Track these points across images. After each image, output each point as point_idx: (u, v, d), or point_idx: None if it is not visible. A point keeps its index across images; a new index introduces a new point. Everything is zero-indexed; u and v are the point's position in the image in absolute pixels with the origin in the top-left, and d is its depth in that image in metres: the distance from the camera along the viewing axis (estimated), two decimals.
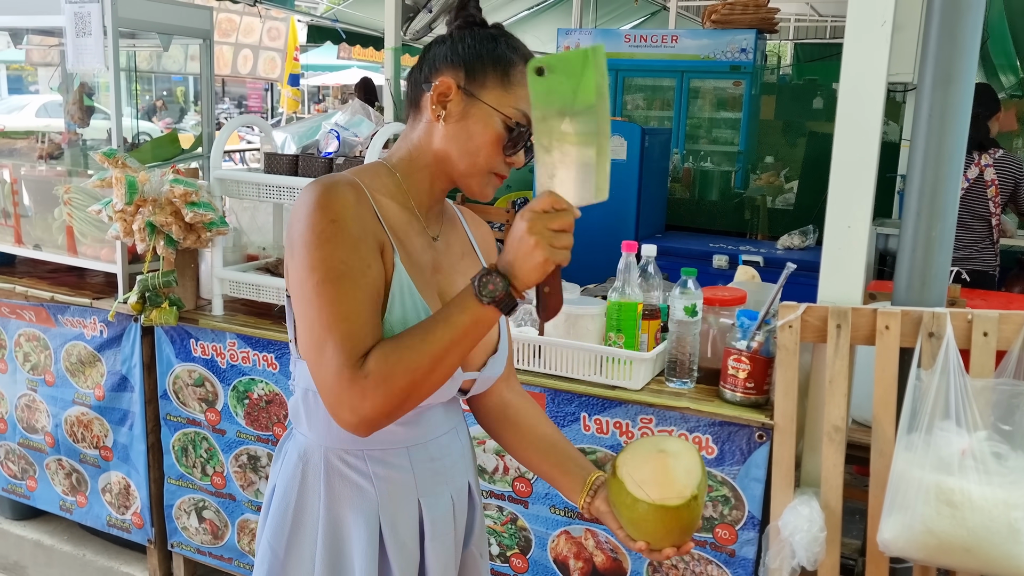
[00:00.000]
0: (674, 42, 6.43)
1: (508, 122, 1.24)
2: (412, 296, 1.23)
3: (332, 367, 1.13)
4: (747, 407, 1.97)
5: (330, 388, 1.14)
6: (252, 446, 2.61)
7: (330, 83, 21.03)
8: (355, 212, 1.19)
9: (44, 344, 2.90)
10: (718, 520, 2.03)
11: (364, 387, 1.12)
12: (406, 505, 1.34)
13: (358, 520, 1.31)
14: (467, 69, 1.24)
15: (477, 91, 1.24)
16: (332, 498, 1.32)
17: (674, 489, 1.24)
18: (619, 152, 4.38)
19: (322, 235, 1.16)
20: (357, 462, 1.31)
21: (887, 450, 1.81)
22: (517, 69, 1.25)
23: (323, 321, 1.14)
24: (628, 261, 2.06)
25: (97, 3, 2.56)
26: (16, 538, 3.17)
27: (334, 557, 1.33)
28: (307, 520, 1.34)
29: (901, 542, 1.71)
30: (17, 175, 3.14)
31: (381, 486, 1.32)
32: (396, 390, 1.12)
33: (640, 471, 1.26)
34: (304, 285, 1.17)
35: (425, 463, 1.35)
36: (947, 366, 1.74)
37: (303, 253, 1.17)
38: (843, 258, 1.91)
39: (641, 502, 1.24)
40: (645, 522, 1.26)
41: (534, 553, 2.27)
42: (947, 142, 1.85)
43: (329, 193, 1.19)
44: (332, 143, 2.42)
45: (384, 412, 1.14)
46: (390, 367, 1.12)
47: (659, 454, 1.28)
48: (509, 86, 1.24)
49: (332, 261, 1.15)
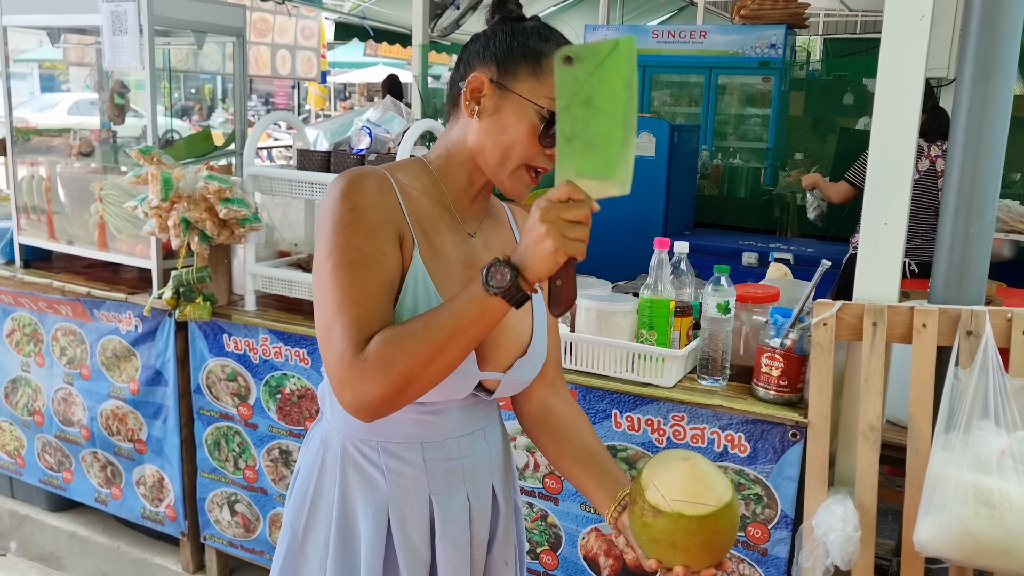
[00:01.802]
0: (702, 38, 6.39)
1: (542, 112, 1.22)
2: (426, 289, 1.23)
3: (337, 349, 1.14)
4: (780, 405, 1.96)
5: (333, 369, 1.15)
6: (284, 440, 2.64)
7: (356, 80, 21.13)
8: (376, 201, 1.21)
9: (80, 338, 2.94)
10: (750, 519, 2.02)
11: (364, 369, 1.12)
12: (416, 501, 1.34)
13: (367, 510, 1.32)
14: (499, 63, 1.24)
15: (510, 83, 1.23)
16: (345, 486, 1.34)
17: (704, 499, 1.18)
18: (647, 149, 4.36)
19: (341, 222, 1.18)
20: (371, 453, 1.33)
21: (923, 449, 1.79)
22: (550, 59, 1.23)
23: (333, 304, 1.16)
24: (660, 258, 2.05)
25: (133, 1, 2.59)
26: (53, 529, 3.23)
27: (345, 544, 1.34)
28: (323, 504, 1.36)
29: (938, 542, 1.69)
30: (52, 172, 3.19)
31: (392, 479, 1.32)
32: (395, 375, 1.11)
33: (666, 480, 1.20)
34: (321, 270, 1.19)
35: (439, 461, 1.34)
36: (986, 365, 1.72)
37: (322, 239, 1.20)
38: (879, 255, 1.89)
39: (665, 513, 1.17)
40: (665, 534, 1.18)
41: (564, 550, 2.27)
42: (986, 138, 1.82)
43: (353, 183, 1.21)
44: (364, 140, 2.43)
45: (383, 398, 1.13)
46: (389, 351, 1.12)
47: (686, 461, 1.22)
48: (542, 76, 1.23)
49: (347, 247, 1.17)
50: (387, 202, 1.23)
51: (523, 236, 1.09)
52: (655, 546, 1.20)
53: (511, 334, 1.35)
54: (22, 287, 3.04)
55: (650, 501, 1.19)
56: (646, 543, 1.22)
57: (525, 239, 1.08)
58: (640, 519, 1.21)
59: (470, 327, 1.12)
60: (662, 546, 1.19)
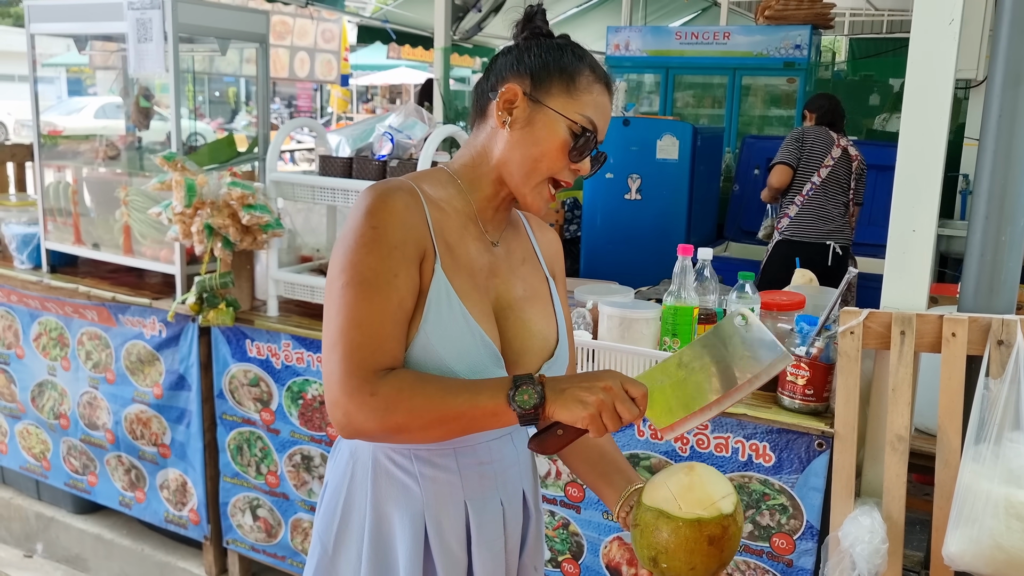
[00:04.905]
0: (726, 39, 6.35)
1: (574, 127, 1.25)
2: (451, 301, 1.24)
3: (337, 373, 1.16)
4: (806, 414, 1.93)
5: (332, 388, 1.17)
6: (305, 446, 2.64)
7: (378, 83, 21.22)
8: (400, 219, 1.21)
9: (105, 343, 2.97)
10: (775, 529, 1.99)
11: (365, 401, 1.15)
12: (452, 507, 1.33)
13: (403, 519, 1.32)
14: (533, 76, 1.26)
15: (543, 97, 1.25)
16: (378, 496, 1.33)
17: (706, 504, 1.17)
18: (671, 151, 4.33)
19: (360, 239, 1.19)
20: (404, 461, 1.32)
21: (953, 461, 1.76)
22: (583, 76, 1.27)
23: (339, 324, 1.18)
24: (684, 264, 2.03)
25: (158, 9, 2.61)
26: (78, 531, 3.26)
27: (380, 555, 1.34)
28: (355, 517, 1.35)
29: (968, 556, 1.66)
30: (78, 176, 3.22)
31: (427, 486, 1.32)
32: (392, 422, 1.15)
33: (664, 484, 1.21)
34: (333, 284, 1.21)
35: (473, 467, 1.34)
36: (1017, 375, 1.68)
37: (340, 252, 1.21)
38: (907, 262, 1.86)
39: (667, 517, 1.16)
40: (651, 530, 1.18)
41: (586, 559, 2.25)
42: (1017, 143, 1.78)
43: (380, 200, 1.22)
44: (386, 146, 2.43)
45: (371, 433, 1.18)
46: (396, 400, 1.15)
47: (689, 471, 1.23)
48: (575, 92, 1.26)
49: (361, 266, 1.18)
50: (412, 219, 1.23)
51: (576, 377, 1.15)
52: (644, 551, 1.20)
53: (539, 338, 1.35)
54: (49, 292, 3.07)
55: (643, 501, 1.20)
56: (637, 546, 1.22)
57: (576, 382, 1.13)
58: (634, 522, 1.21)
59: (478, 420, 1.16)
60: (649, 548, 1.19)
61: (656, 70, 6.72)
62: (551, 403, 1.12)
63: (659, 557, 1.16)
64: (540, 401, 1.12)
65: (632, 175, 4.35)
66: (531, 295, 1.38)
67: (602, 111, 1.29)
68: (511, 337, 1.32)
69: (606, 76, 1.31)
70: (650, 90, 7.03)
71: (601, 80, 1.29)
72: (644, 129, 4.38)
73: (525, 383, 1.13)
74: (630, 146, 4.35)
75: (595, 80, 1.28)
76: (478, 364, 1.25)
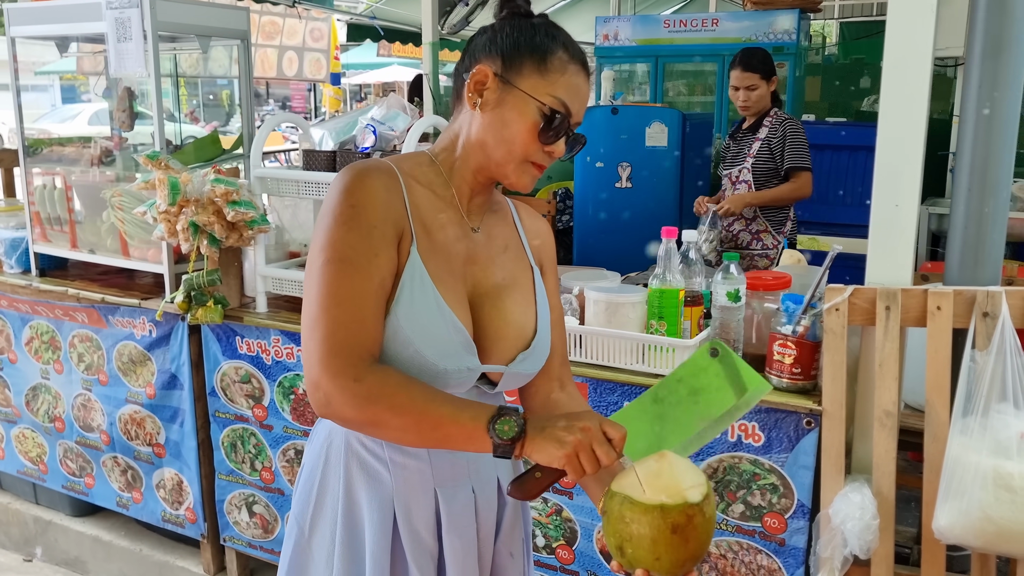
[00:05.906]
0: (714, 25, 6.32)
1: (544, 109, 1.23)
2: (424, 285, 1.23)
3: (319, 352, 1.16)
4: (794, 393, 1.93)
5: (312, 368, 1.17)
6: (299, 441, 2.64)
7: (371, 81, 21.18)
8: (379, 198, 1.21)
9: (97, 344, 2.96)
10: (767, 509, 1.99)
11: (347, 386, 1.14)
12: (422, 494, 1.33)
13: (372, 504, 1.32)
14: (504, 57, 1.24)
15: (513, 78, 1.24)
16: (350, 481, 1.34)
17: (671, 491, 1.10)
18: (660, 139, 4.31)
19: (340, 218, 1.19)
20: (375, 447, 1.32)
21: (941, 434, 1.76)
22: (556, 57, 1.24)
23: (321, 301, 1.18)
24: (669, 247, 2.03)
25: (136, 8, 2.60)
26: (76, 534, 3.26)
27: (351, 539, 1.34)
28: (328, 500, 1.36)
29: (958, 529, 1.66)
30: (70, 182, 3.22)
31: (397, 473, 1.32)
32: (369, 413, 1.15)
33: (636, 471, 1.15)
34: (313, 262, 1.20)
35: (444, 454, 1.34)
36: (1003, 346, 1.68)
37: (320, 232, 1.21)
38: (891, 238, 1.85)
39: (631, 502, 1.10)
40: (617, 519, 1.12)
41: (580, 544, 2.25)
42: (998, 115, 1.78)
43: (357, 179, 1.21)
44: (369, 138, 2.43)
45: (347, 419, 1.20)
46: (380, 393, 1.15)
47: (660, 458, 1.16)
48: (547, 73, 1.24)
49: (342, 244, 1.18)
50: (390, 199, 1.22)
51: (559, 419, 1.13)
52: (611, 538, 1.14)
53: (514, 327, 1.34)
54: (39, 295, 3.06)
55: (611, 487, 1.16)
56: (605, 534, 1.17)
57: (557, 422, 1.12)
58: (602, 508, 1.17)
59: (452, 437, 1.16)
60: (615, 536, 1.13)
61: (646, 59, 6.69)
62: (530, 440, 1.11)
63: (624, 545, 1.11)
64: (519, 435, 1.11)
65: (622, 163, 4.34)
66: (510, 283, 1.36)
67: (577, 92, 1.26)
68: (485, 324, 1.31)
69: (582, 56, 1.28)
70: (641, 80, 7.00)
71: (576, 60, 1.27)
72: (633, 117, 4.36)
73: (509, 414, 1.12)
74: (619, 134, 4.34)
75: (569, 60, 1.26)
76: (449, 350, 1.24)
